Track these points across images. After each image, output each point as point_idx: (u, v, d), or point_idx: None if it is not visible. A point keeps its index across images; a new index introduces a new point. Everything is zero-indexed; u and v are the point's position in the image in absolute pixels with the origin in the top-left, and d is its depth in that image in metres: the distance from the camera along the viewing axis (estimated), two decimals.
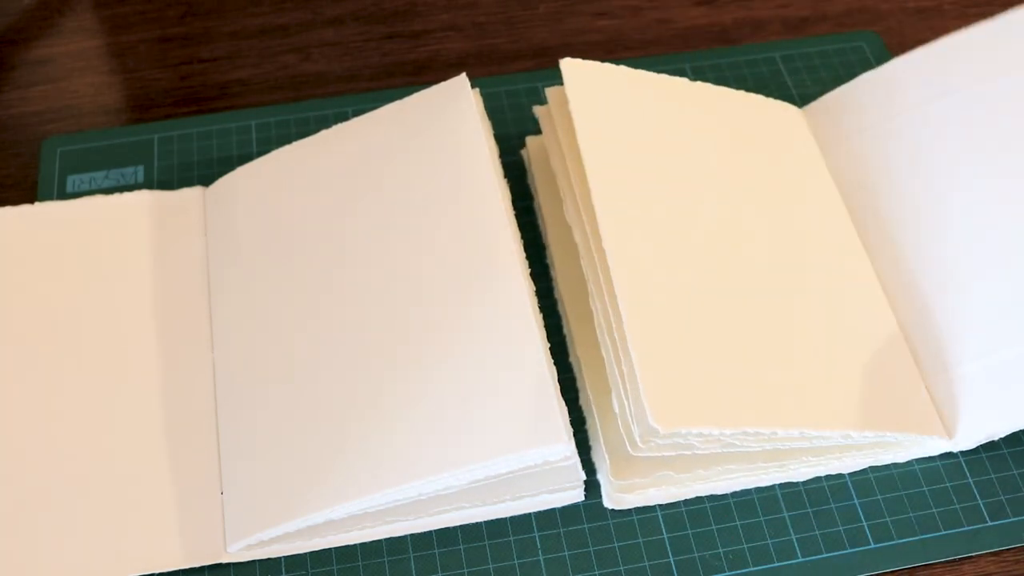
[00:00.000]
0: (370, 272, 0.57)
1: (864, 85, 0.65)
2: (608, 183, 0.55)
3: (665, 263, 0.54)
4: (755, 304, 0.55)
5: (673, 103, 0.62)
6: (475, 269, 0.55)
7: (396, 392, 0.53)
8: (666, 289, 0.53)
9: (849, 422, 0.52)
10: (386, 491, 0.50)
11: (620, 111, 0.59)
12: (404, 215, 0.58)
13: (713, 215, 0.58)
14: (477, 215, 0.56)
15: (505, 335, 0.52)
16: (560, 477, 0.51)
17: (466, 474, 0.49)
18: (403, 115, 0.61)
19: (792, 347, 0.54)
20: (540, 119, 0.62)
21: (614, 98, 0.59)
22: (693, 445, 0.49)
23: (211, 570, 0.51)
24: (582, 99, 0.57)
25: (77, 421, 0.54)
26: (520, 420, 0.49)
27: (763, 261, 0.57)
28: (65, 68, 0.73)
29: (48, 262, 0.60)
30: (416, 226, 0.57)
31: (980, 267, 0.57)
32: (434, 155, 0.59)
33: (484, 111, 0.59)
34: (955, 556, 0.51)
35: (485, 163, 0.57)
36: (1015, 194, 0.59)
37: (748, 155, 0.62)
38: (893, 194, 0.61)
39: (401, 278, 0.57)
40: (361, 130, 0.62)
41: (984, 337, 0.55)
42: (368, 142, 0.61)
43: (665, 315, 0.52)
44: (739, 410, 0.50)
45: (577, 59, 0.59)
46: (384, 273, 0.57)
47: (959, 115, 0.61)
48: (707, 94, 0.64)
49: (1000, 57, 0.62)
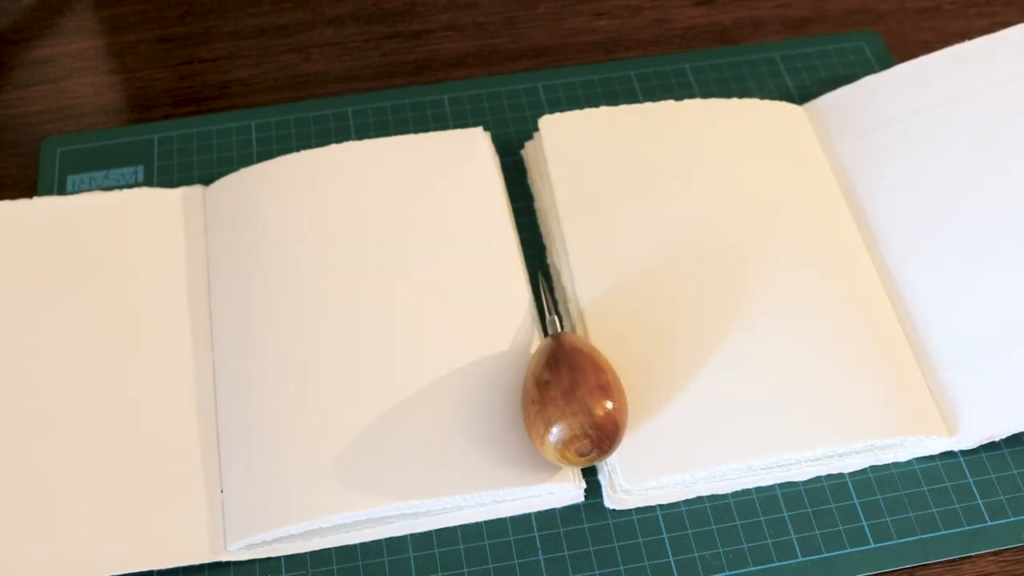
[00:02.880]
0: (372, 278, 0.58)
1: (868, 88, 0.66)
2: (582, 241, 0.59)
3: (636, 311, 0.56)
4: (737, 327, 0.55)
5: (655, 131, 0.64)
6: (481, 287, 0.57)
7: (400, 396, 0.54)
8: (634, 338, 0.55)
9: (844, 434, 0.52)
10: (395, 505, 0.51)
11: (598, 160, 0.62)
12: (411, 232, 0.59)
13: (695, 236, 0.59)
14: (490, 250, 0.59)
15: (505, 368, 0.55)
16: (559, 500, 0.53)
17: (474, 498, 0.51)
18: (418, 146, 0.63)
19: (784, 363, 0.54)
20: (526, 160, 0.65)
21: (592, 146, 0.63)
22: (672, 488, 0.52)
23: (211, 569, 0.51)
24: (559, 156, 0.62)
25: (76, 420, 0.54)
26: (522, 461, 0.52)
27: (752, 268, 0.58)
28: (65, 68, 0.73)
29: (46, 257, 0.60)
30: (423, 243, 0.59)
31: (981, 267, 0.57)
32: (448, 191, 0.61)
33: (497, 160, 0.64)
34: (955, 556, 0.51)
35: (501, 211, 0.61)
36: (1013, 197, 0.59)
37: (743, 162, 0.62)
38: (893, 195, 0.61)
39: (403, 286, 0.58)
40: (373, 151, 0.63)
41: (985, 337, 0.55)
42: (380, 164, 0.62)
43: (631, 369, 0.54)
44: (711, 451, 0.52)
45: (556, 114, 0.64)
46: (386, 280, 0.58)
47: (959, 122, 0.62)
48: (696, 110, 0.65)
49: (1000, 68, 0.64)
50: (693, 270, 0.58)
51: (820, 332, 0.55)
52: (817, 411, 0.53)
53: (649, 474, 0.52)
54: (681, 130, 0.64)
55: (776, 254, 0.58)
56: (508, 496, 0.52)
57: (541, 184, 0.63)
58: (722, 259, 0.58)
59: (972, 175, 0.60)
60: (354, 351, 0.55)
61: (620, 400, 0.50)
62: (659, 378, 0.54)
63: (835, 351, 0.55)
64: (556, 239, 0.60)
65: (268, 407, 0.54)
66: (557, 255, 0.60)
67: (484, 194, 0.62)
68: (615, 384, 0.51)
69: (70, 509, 0.52)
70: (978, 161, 0.61)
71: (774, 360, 0.54)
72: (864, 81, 0.66)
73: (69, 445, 0.54)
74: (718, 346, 0.55)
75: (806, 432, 0.52)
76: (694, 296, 0.57)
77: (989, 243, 0.58)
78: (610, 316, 0.56)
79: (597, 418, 0.49)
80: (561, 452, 0.49)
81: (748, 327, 0.55)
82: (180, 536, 0.51)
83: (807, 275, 0.58)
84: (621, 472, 0.52)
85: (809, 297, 0.57)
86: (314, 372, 0.55)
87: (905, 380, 0.55)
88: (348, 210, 0.60)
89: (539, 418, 0.50)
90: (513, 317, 0.56)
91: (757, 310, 0.56)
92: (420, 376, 0.54)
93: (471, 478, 0.51)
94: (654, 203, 0.60)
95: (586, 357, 0.51)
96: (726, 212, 0.60)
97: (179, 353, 0.57)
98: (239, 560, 0.51)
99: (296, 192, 0.61)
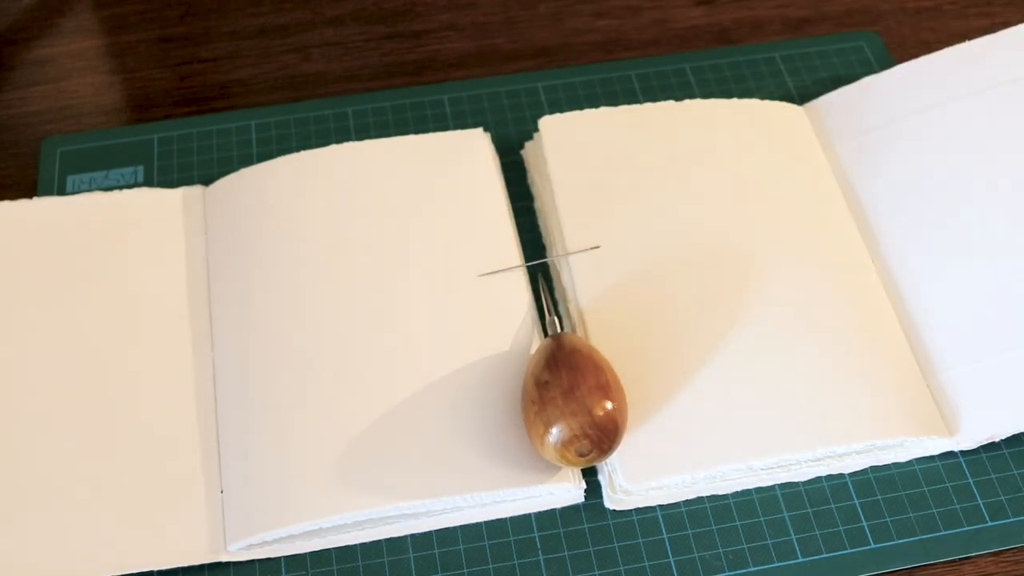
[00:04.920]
0: (371, 278, 0.58)
1: (868, 88, 0.66)
2: (582, 241, 0.59)
3: (636, 311, 0.56)
4: (737, 327, 0.55)
5: (655, 132, 0.64)
6: (483, 293, 0.57)
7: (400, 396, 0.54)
8: (633, 338, 0.55)
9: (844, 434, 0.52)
10: (395, 505, 0.51)
11: (598, 161, 0.62)
12: (411, 232, 0.59)
13: (694, 236, 0.59)
14: (490, 250, 0.59)
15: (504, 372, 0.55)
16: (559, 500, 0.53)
17: (474, 499, 0.51)
18: (419, 147, 0.63)
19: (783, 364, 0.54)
20: (526, 160, 0.65)
21: (592, 146, 0.63)
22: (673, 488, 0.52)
23: (211, 569, 0.51)
24: (559, 156, 0.62)
25: (76, 420, 0.54)
26: (522, 462, 0.52)
27: (752, 269, 0.58)
28: (65, 68, 0.73)
29: (46, 258, 0.60)
30: (423, 243, 0.59)
31: (981, 267, 0.57)
32: (448, 191, 0.61)
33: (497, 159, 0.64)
34: (955, 556, 0.51)
35: (501, 211, 0.61)
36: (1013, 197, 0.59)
37: (743, 162, 0.62)
38: (893, 195, 0.61)
39: (403, 286, 0.58)
40: (374, 151, 0.63)
41: (985, 337, 0.55)
42: (380, 164, 0.62)
43: (632, 369, 0.54)
44: (711, 451, 0.52)
45: (556, 115, 0.64)
46: (386, 280, 0.58)
47: (959, 122, 0.62)
48: (696, 111, 0.65)
49: (1000, 68, 0.64)
50: (693, 270, 0.58)
51: (820, 332, 0.55)
52: (817, 411, 0.53)
53: (649, 474, 0.52)
54: (681, 130, 0.64)
55: (776, 254, 0.58)
56: (508, 496, 0.52)
57: (541, 184, 0.63)
58: (722, 259, 0.58)
59: (972, 175, 0.60)
60: (354, 351, 0.55)
61: (620, 400, 0.50)
62: (659, 378, 0.54)
63: (835, 351, 0.55)
64: (556, 239, 0.60)
65: (268, 407, 0.54)
66: (557, 255, 0.60)
67: (484, 194, 0.62)
68: (615, 384, 0.51)
69: (70, 509, 0.52)
70: (978, 161, 0.61)
71: (774, 360, 0.54)
72: (864, 81, 0.66)
73: (69, 445, 0.54)
74: (717, 346, 0.55)
75: (806, 432, 0.52)
76: (694, 296, 0.57)
77: (989, 243, 0.58)
78: (610, 316, 0.56)
79: (597, 418, 0.49)
80: (561, 452, 0.49)
81: (748, 327, 0.55)
82: (180, 536, 0.51)
83: (807, 275, 0.58)
84: (621, 472, 0.52)
85: (809, 297, 0.57)
86: (314, 372, 0.55)
87: (905, 380, 0.55)
88: (348, 210, 0.60)
89: (539, 418, 0.50)
90: (513, 317, 0.56)
91: (757, 310, 0.56)
92: (420, 376, 0.54)
93: (471, 478, 0.51)
94: (654, 203, 0.60)
95: (585, 357, 0.51)
96: (726, 212, 0.60)
97: (179, 353, 0.57)
98: (239, 560, 0.51)
99: (296, 192, 0.61)
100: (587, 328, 0.56)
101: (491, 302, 0.57)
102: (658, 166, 0.62)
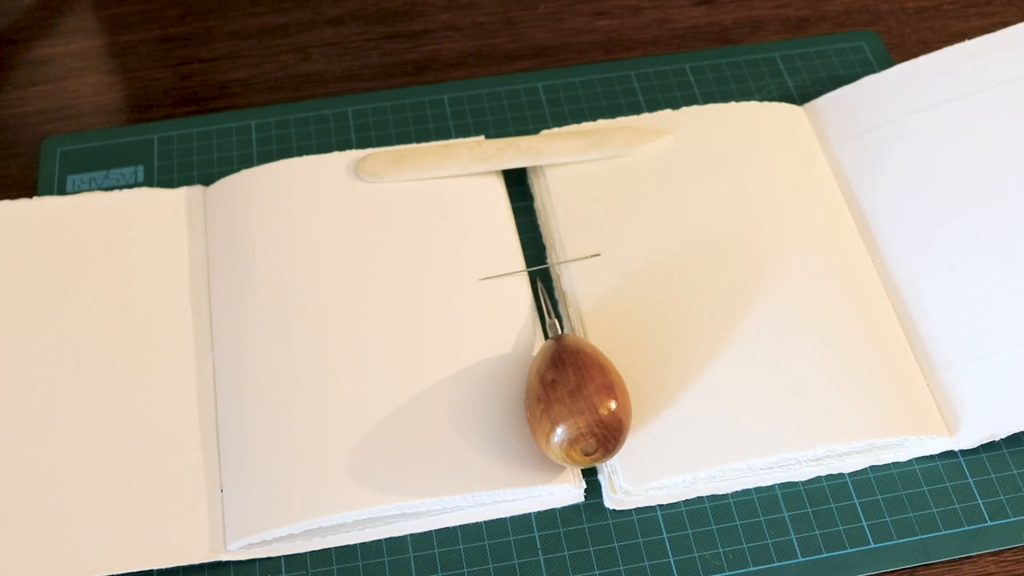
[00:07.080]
0: (372, 279, 0.58)
1: (867, 88, 0.66)
2: (581, 243, 0.59)
3: (636, 312, 0.56)
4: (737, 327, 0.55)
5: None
6: (486, 296, 0.57)
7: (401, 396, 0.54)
8: (633, 339, 0.55)
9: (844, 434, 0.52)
10: (396, 504, 0.51)
11: (595, 166, 0.62)
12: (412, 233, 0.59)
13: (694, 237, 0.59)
14: (491, 251, 0.59)
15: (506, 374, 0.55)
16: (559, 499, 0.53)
17: (475, 498, 0.51)
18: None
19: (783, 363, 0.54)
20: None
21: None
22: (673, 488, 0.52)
23: (211, 568, 0.51)
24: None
25: (77, 419, 0.54)
26: (523, 461, 0.52)
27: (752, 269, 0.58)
28: (65, 68, 0.73)
29: (46, 258, 0.60)
30: (424, 243, 0.59)
31: (980, 267, 0.57)
32: (448, 192, 0.61)
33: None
34: (955, 556, 0.51)
35: (502, 212, 0.61)
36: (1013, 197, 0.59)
37: (742, 162, 0.62)
38: (892, 194, 0.61)
39: (404, 286, 0.58)
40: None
41: (985, 337, 0.55)
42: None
43: (632, 370, 0.54)
44: (711, 451, 0.52)
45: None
46: (386, 281, 0.58)
47: (958, 122, 0.62)
48: (694, 114, 0.65)
49: (1000, 68, 0.64)
50: (692, 271, 0.58)
51: (819, 332, 0.55)
52: (817, 411, 0.53)
53: (649, 475, 0.52)
54: (680, 131, 0.64)
55: (775, 254, 0.58)
56: (508, 496, 0.52)
57: (540, 187, 0.63)
58: (721, 260, 0.58)
59: (972, 175, 0.60)
60: (354, 351, 0.55)
61: (624, 400, 0.50)
62: (659, 379, 0.54)
63: (835, 351, 0.55)
64: (556, 240, 0.60)
65: (268, 407, 0.54)
66: (557, 256, 0.60)
67: (485, 195, 0.62)
68: (620, 384, 0.51)
69: (70, 508, 0.52)
70: (978, 161, 0.61)
71: (773, 360, 0.54)
72: (864, 81, 0.66)
73: (69, 444, 0.54)
74: (717, 346, 0.55)
75: (806, 432, 0.52)
76: (693, 297, 0.57)
77: (989, 243, 0.58)
78: (610, 317, 0.56)
79: (603, 417, 0.49)
80: (566, 451, 0.49)
81: (747, 327, 0.55)
82: (180, 535, 0.51)
83: (806, 275, 0.58)
84: (622, 473, 0.52)
85: (808, 297, 0.57)
86: (314, 372, 0.55)
87: (905, 380, 0.55)
88: (349, 212, 0.60)
89: (545, 416, 0.50)
90: (515, 318, 0.57)
91: (757, 310, 0.56)
92: (420, 376, 0.54)
93: (472, 478, 0.51)
94: (654, 205, 0.60)
95: (591, 357, 0.51)
96: (725, 213, 0.60)
97: (180, 353, 0.57)
98: (239, 560, 0.51)
99: (296, 194, 0.61)
100: (587, 330, 0.56)
101: (493, 302, 0.57)
102: (658, 167, 0.62)
